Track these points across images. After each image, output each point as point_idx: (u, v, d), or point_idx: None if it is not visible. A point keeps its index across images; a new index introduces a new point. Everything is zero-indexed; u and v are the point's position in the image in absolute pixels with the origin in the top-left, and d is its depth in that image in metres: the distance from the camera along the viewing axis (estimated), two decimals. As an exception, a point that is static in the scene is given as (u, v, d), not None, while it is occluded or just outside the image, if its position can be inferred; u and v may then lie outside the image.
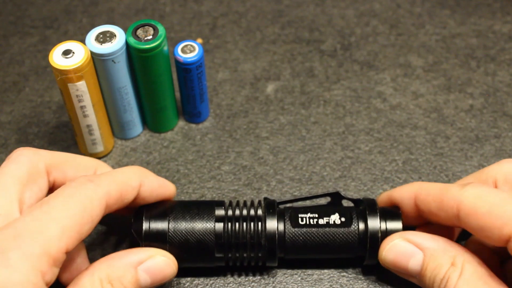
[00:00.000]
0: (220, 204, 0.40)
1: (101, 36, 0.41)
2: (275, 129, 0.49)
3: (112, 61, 0.41)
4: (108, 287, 0.37)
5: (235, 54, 0.54)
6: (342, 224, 0.39)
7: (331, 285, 0.40)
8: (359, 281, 0.41)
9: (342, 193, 0.41)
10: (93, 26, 0.56)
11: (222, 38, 0.55)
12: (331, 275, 0.41)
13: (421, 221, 0.40)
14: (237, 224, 0.39)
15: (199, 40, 0.55)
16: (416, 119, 0.49)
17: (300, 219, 0.39)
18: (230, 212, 0.39)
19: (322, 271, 0.41)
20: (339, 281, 0.41)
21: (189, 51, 0.44)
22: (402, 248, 0.37)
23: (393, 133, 0.48)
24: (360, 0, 0.58)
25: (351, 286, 0.40)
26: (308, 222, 0.39)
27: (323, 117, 0.49)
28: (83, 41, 0.42)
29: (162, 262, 0.40)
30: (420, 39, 0.55)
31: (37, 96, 0.51)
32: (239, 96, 0.51)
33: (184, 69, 0.44)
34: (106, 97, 0.45)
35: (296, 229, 0.39)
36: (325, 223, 0.39)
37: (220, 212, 0.39)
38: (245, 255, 0.39)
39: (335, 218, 0.39)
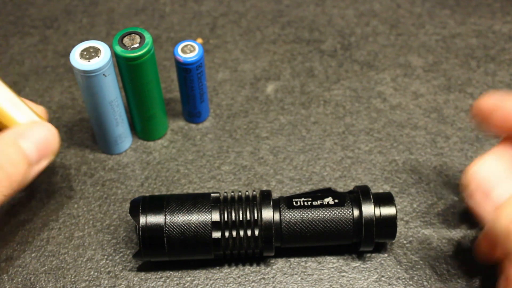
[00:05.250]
0: (215, 194, 0.40)
1: (85, 53, 0.40)
2: (275, 129, 0.49)
3: (103, 74, 0.40)
4: None
5: (235, 54, 0.54)
6: (336, 204, 0.40)
7: (331, 285, 0.40)
8: (359, 281, 0.41)
9: (333, 189, 0.42)
10: (93, 26, 0.56)
11: (222, 38, 0.55)
12: (331, 275, 0.41)
13: None
14: (233, 212, 0.39)
15: (199, 40, 0.55)
16: (416, 119, 0.49)
17: (294, 202, 0.40)
18: (225, 202, 0.40)
19: (322, 271, 0.41)
20: (339, 281, 0.41)
21: (189, 51, 0.44)
22: (501, 170, 0.34)
23: (393, 133, 0.48)
24: (360, 0, 0.58)
25: (351, 286, 0.40)
26: (302, 204, 0.40)
27: (323, 117, 0.49)
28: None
29: (42, 130, 0.37)
30: (420, 39, 0.55)
31: (37, 96, 0.51)
32: (239, 96, 0.51)
33: (184, 69, 0.44)
34: (97, 113, 0.43)
35: (291, 210, 0.40)
36: (319, 204, 0.40)
37: (215, 202, 0.40)
38: (242, 242, 0.39)
39: (328, 200, 0.40)
